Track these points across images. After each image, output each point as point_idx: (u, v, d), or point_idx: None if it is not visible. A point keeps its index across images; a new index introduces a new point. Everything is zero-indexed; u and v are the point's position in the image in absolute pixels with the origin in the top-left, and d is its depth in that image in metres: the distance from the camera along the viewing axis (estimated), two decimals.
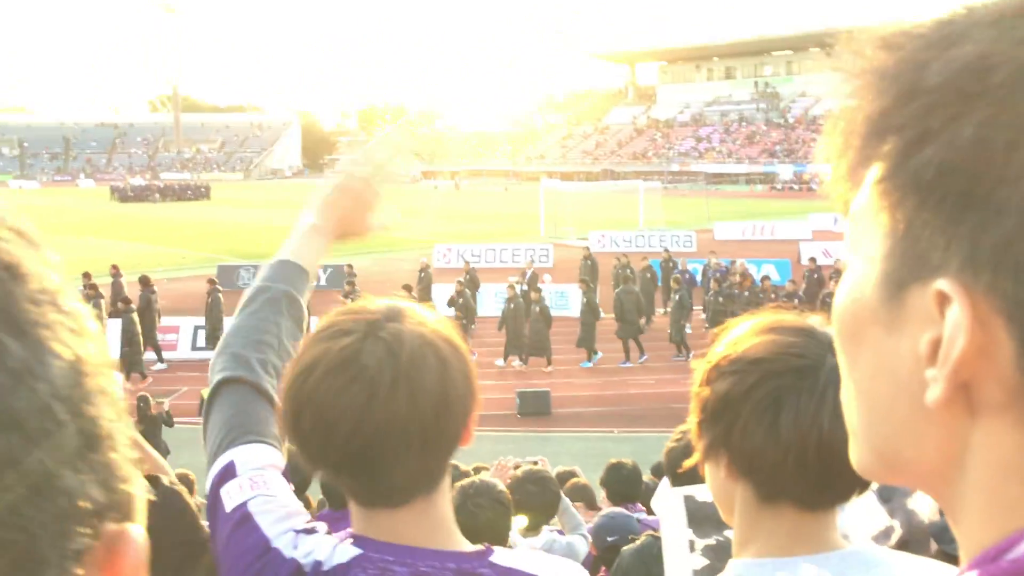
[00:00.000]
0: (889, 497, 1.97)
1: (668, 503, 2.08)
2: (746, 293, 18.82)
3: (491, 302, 22.37)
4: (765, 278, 21.10)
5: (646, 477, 6.34)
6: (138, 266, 30.87)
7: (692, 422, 1.29)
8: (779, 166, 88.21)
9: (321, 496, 5.76)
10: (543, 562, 1.27)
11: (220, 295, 19.21)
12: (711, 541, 2.05)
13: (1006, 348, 0.51)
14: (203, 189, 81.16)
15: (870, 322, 0.59)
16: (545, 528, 4.66)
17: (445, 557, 1.19)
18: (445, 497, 1.25)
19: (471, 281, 22.56)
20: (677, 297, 19.02)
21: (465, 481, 3.41)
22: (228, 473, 1.32)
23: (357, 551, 1.18)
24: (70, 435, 0.42)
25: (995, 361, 0.51)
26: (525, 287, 20.08)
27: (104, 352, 0.45)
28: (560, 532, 4.73)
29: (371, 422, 1.13)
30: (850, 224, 0.61)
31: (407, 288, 19.97)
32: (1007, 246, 0.49)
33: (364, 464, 1.16)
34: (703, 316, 20.07)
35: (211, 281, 19.94)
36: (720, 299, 18.80)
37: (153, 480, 1.60)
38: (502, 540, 3.51)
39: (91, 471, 0.43)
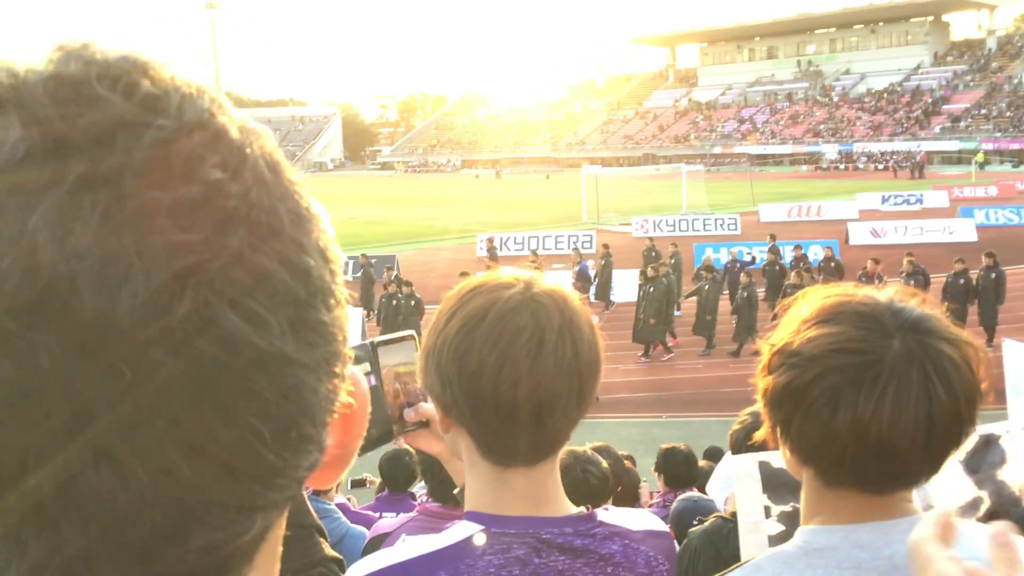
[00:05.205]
0: (977, 468, 1.91)
1: (743, 468, 2.04)
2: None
3: None
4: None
5: (700, 462, 6.30)
6: None
7: (760, 401, 1.28)
8: (824, 146, 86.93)
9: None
10: (636, 518, 1.35)
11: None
12: (787, 508, 2.02)
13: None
14: None
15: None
16: None
17: (563, 523, 1.24)
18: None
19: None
20: (652, 289, 17.81)
21: (578, 448, 3.49)
22: None
23: (478, 527, 1.22)
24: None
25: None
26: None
27: None
28: None
29: (542, 367, 1.15)
30: None
31: (464, 274, 20.05)
32: None
33: (531, 410, 1.17)
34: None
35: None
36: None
37: None
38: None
39: None
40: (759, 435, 1.31)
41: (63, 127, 0.41)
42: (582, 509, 1.28)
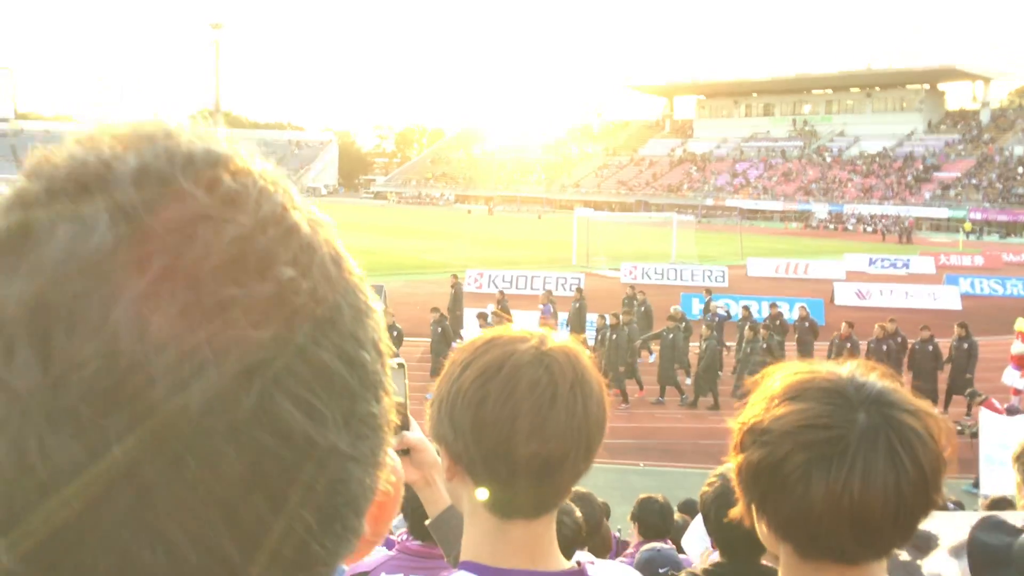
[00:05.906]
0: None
1: None
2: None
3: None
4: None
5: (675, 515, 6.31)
6: None
7: (734, 479, 1.32)
8: (815, 204, 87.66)
9: None
10: (619, 572, 1.39)
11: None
12: None
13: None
14: None
15: None
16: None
17: None
18: None
19: (503, 309, 22.76)
20: (615, 336, 18.08)
21: None
22: None
23: None
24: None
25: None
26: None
27: None
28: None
29: (554, 421, 1.18)
30: None
31: (435, 310, 20.12)
32: None
33: (540, 463, 1.18)
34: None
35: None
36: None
37: None
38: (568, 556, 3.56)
39: None
40: (734, 512, 1.34)
41: (149, 220, 0.43)
42: (574, 564, 1.29)
